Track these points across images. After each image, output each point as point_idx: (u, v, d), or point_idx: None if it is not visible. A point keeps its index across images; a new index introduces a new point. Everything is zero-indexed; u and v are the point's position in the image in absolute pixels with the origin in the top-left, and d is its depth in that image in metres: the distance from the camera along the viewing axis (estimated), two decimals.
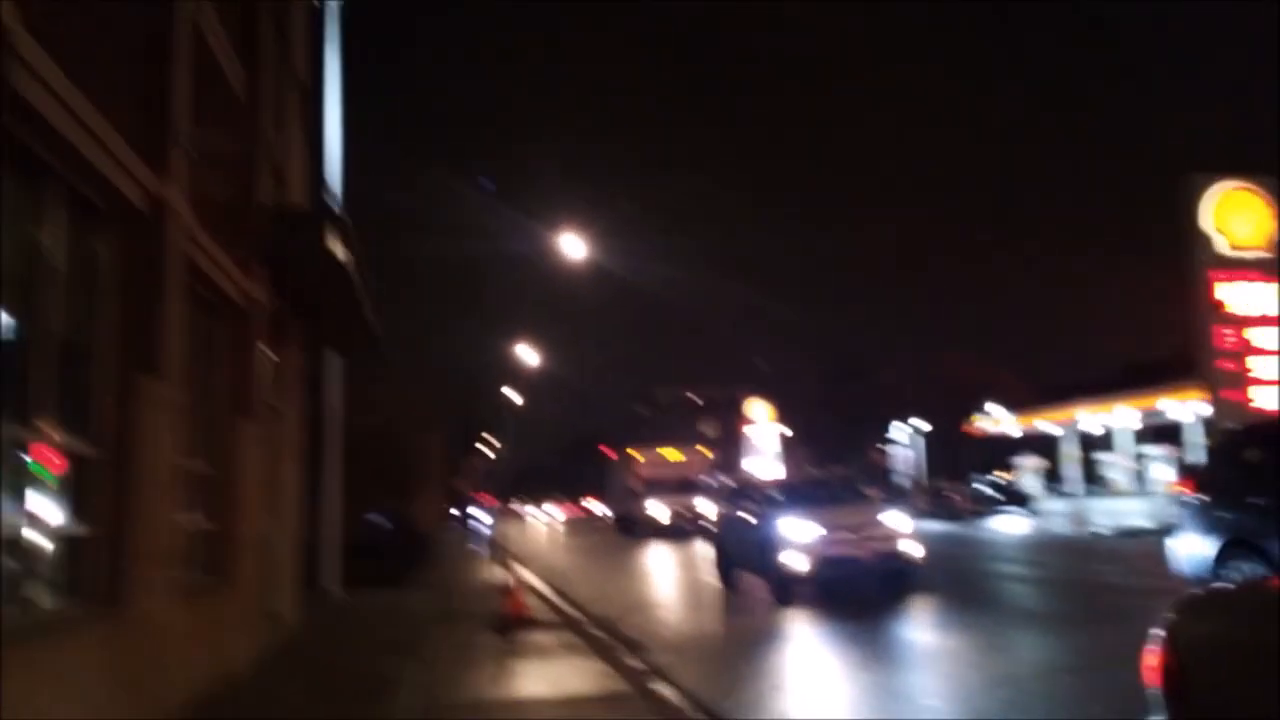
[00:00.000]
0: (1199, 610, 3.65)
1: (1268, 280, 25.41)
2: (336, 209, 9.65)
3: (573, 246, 25.09)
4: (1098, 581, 13.73)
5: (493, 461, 63.85)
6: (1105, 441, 62.91)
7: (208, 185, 7.28)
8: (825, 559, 12.31)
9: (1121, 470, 59.21)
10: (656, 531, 31.94)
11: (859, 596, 12.75)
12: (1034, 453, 66.37)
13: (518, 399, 52.73)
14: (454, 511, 49.05)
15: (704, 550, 21.55)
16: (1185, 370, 51.41)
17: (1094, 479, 63.47)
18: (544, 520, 67.15)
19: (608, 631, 10.82)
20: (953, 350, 66.02)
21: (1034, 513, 39.42)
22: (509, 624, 10.54)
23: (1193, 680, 3.38)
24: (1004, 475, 62.55)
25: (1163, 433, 57.00)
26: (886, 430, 68.13)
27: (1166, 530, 23.31)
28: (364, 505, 30.94)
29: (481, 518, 35.51)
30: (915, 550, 12.72)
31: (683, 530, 30.81)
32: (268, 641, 9.60)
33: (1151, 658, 3.52)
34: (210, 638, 7.56)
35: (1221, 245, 25.68)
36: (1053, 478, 66.14)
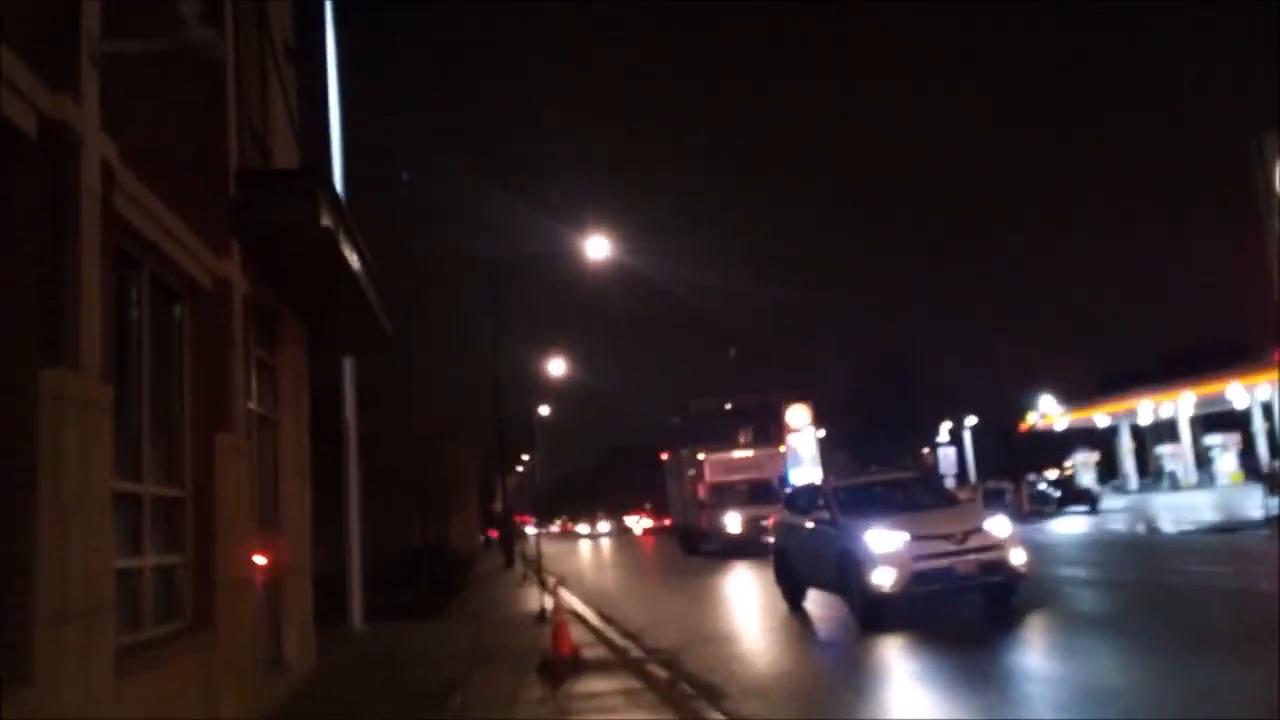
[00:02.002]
0: None
1: None
2: (328, 176, 8.10)
3: (597, 247, 23.65)
4: (1224, 587, 11.85)
5: (528, 479, 62.39)
6: (1164, 432, 60.38)
7: (147, 127, 5.72)
8: (919, 574, 10.49)
9: (1183, 463, 56.68)
10: (729, 546, 26.77)
11: (959, 618, 10.98)
12: (1088, 447, 63.88)
13: (548, 411, 51.28)
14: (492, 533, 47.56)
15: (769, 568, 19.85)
16: (1255, 353, 49.02)
17: (1151, 473, 60.94)
18: (589, 537, 64.32)
19: (672, 670, 9.10)
20: (999, 340, 63.95)
21: (1098, 511, 37.21)
22: (557, 667, 8.86)
23: None
24: (1058, 472, 60.01)
25: (1221, 421, 54.47)
26: (932, 429, 65.95)
27: (1246, 525, 21.53)
28: (393, 529, 29.49)
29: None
30: (1021, 560, 10.89)
31: (759, 544, 26.82)
32: (269, 698, 8.00)
33: None
34: (180, 704, 5.96)
35: None
36: (1108, 473, 63.65)
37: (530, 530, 46.97)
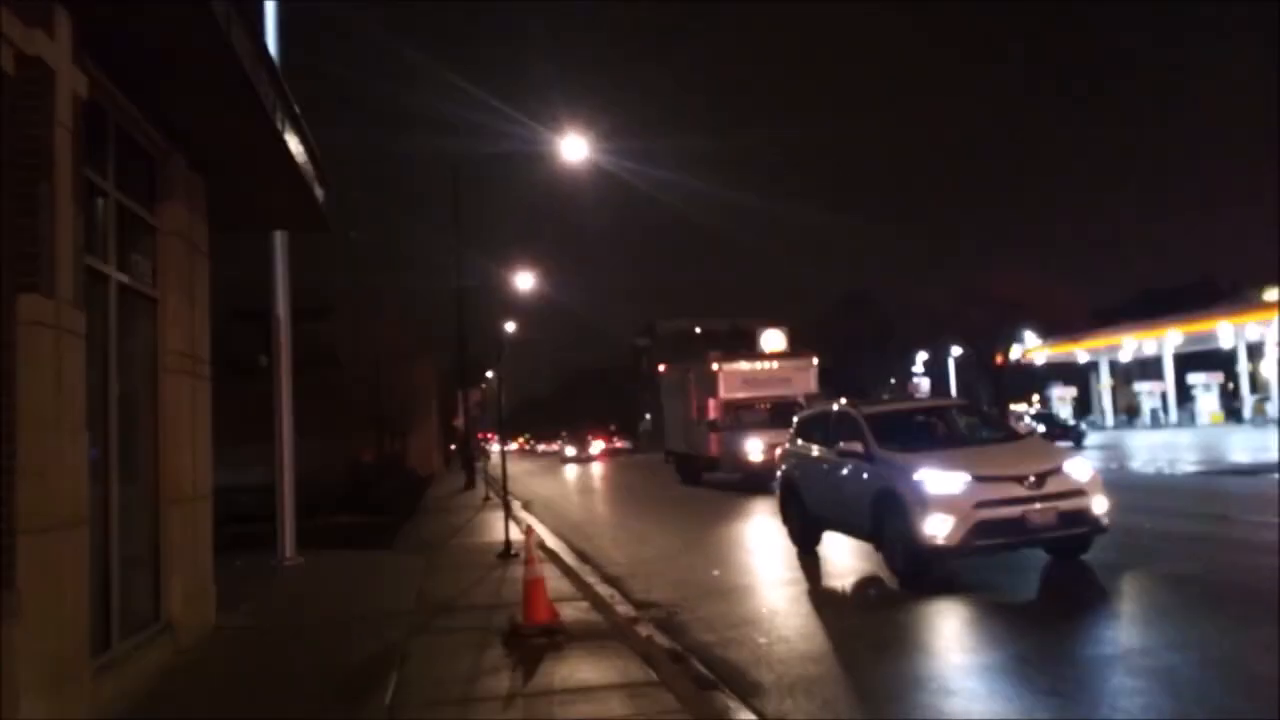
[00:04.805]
0: None
1: None
2: None
3: (574, 148, 20.98)
4: None
5: (492, 396, 59.94)
6: (1139, 370, 59.27)
7: None
8: (984, 524, 8.39)
9: (1162, 401, 55.68)
10: (748, 477, 22.33)
11: (1023, 576, 8.95)
12: (1064, 382, 62.58)
13: (513, 327, 48.90)
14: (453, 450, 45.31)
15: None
16: (1241, 292, 47.55)
17: (1123, 410, 59.99)
18: (577, 460, 59.25)
19: (676, 638, 6.96)
20: (984, 272, 61.84)
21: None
22: (529, 640, 6.67)
23: None
24: (1027, 407, 58.68)
25: (1199, 361, 53.29)
26: (909, 360, 64.30)
27: (1262, 468, 19.73)
28: (344, 443, 27.19)
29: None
30: (1103, 509, 8.84)
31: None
32: (129, 679, 5.73)
33: None
34: None
35: None
36: (1081, 410, 62.52)
37: (495, 449, 44.76)
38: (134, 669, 5.93)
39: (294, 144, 7.63)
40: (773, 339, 59.18)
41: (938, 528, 8.44)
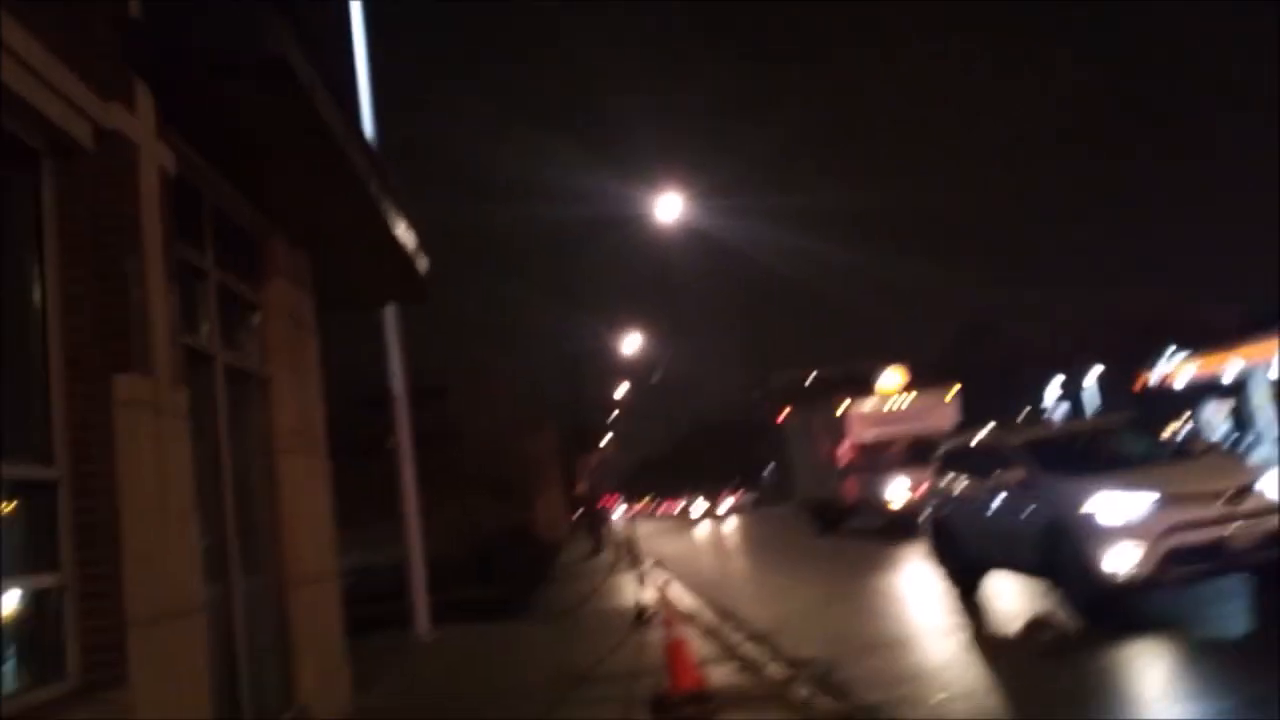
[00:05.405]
0: None
1: None
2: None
3: (668, 206, 20.86)
4: None
5: (610, 459, 59.76)
6: None
7: None
8: (1177, 550, 7.40)
9: None
10: (891, 523, 20.01)
11: (1223, 608, 7.87)
12: (1216, 398, 58.33)
13: (624, 389, 48.86)
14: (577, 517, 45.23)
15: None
16: None
17: None
18: (690, 518, 57.96)
19: (842, 702, 6.25)
20: (1126, 290, 58.61)
21: None
22: (676, 709, 6.09)
23: None
24: (1184, 428, 54.80)
25: None
26: (1040, 388, 61.18)
27: None
28: (471, 516, 27.23)
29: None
30: None
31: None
32: None
33: None
34: None
35: None
36: (1238, 427, 57.88)
37: (619, 511, 44.38)
38: None
39: (393, 218, 7.48)
40: (893, 377, 57.00)
41: (1122, 558, 7.49)
